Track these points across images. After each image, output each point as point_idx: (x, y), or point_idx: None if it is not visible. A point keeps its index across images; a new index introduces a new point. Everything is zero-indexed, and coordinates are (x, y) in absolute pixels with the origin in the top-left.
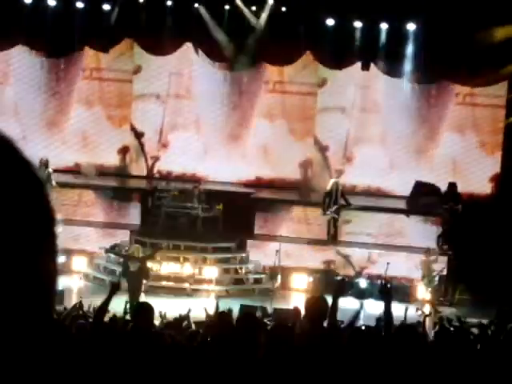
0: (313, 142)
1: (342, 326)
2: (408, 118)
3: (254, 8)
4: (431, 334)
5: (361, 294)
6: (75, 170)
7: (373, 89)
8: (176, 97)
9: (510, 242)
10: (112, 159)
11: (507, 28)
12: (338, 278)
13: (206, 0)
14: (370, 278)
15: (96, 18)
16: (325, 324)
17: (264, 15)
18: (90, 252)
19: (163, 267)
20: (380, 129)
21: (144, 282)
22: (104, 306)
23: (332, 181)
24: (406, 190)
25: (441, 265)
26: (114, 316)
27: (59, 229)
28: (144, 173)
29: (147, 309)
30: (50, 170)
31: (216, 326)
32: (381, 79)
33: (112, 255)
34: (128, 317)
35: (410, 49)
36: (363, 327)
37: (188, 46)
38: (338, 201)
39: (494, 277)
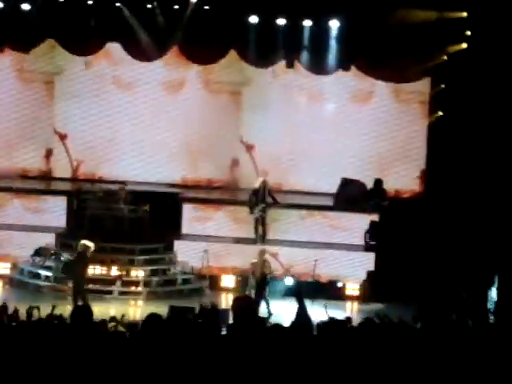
0: (239, 141)
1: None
2: (333, 116)
3: (176, 6)
4: None
5: (287, 293)
6: None
7: (298, 87)
8: (99, 97)
9: (436, 238)
10: (35, 162)
11: (427, 12)
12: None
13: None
14: (297, 276)
15: (15, 18)
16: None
17: (187, 13)
18: (13, 256)
19: (90, 270)
20: (305, 127)
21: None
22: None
23: (259, 179)
24: (333, 187)
25: None
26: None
27: None
28: (68, 175)
29: (86, 311)
30: None
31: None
32: (305, 77)
33: (37, 258)
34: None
35: (333, 46)
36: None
37: (110, 46)
38: (265, 199)
39: (420, 273)
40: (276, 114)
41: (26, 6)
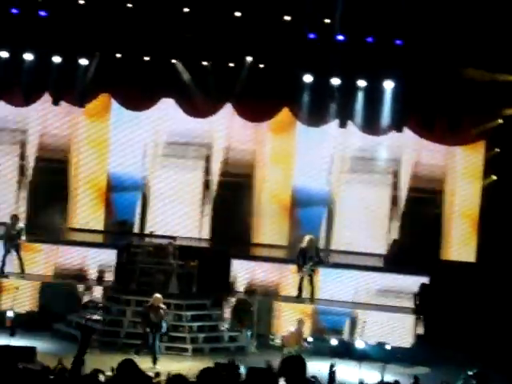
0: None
1: None
2: (385, 180)
3: (231, 64)
4: None
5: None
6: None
7: (350, 147)
8: (152, 154)
9: (487, 303)
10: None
11: (482, 73)
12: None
13: (183, 56)
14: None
15: (72, 73)
16: None
17: (242, 71)
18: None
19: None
20: (358, 187)
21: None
22: (80, 355)
23: (307, 237)
24: (383, 247)
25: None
26: None
27: None
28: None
29: (131, 365)
30: (22, 225)
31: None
32: (358, 137)
33: (85, 311)
34: None
35: (386, 107)
36: None
37: (165, 102)
38: (313, 258)
39: (470, 339)
40: (328, 172)
41: (83, 61)
